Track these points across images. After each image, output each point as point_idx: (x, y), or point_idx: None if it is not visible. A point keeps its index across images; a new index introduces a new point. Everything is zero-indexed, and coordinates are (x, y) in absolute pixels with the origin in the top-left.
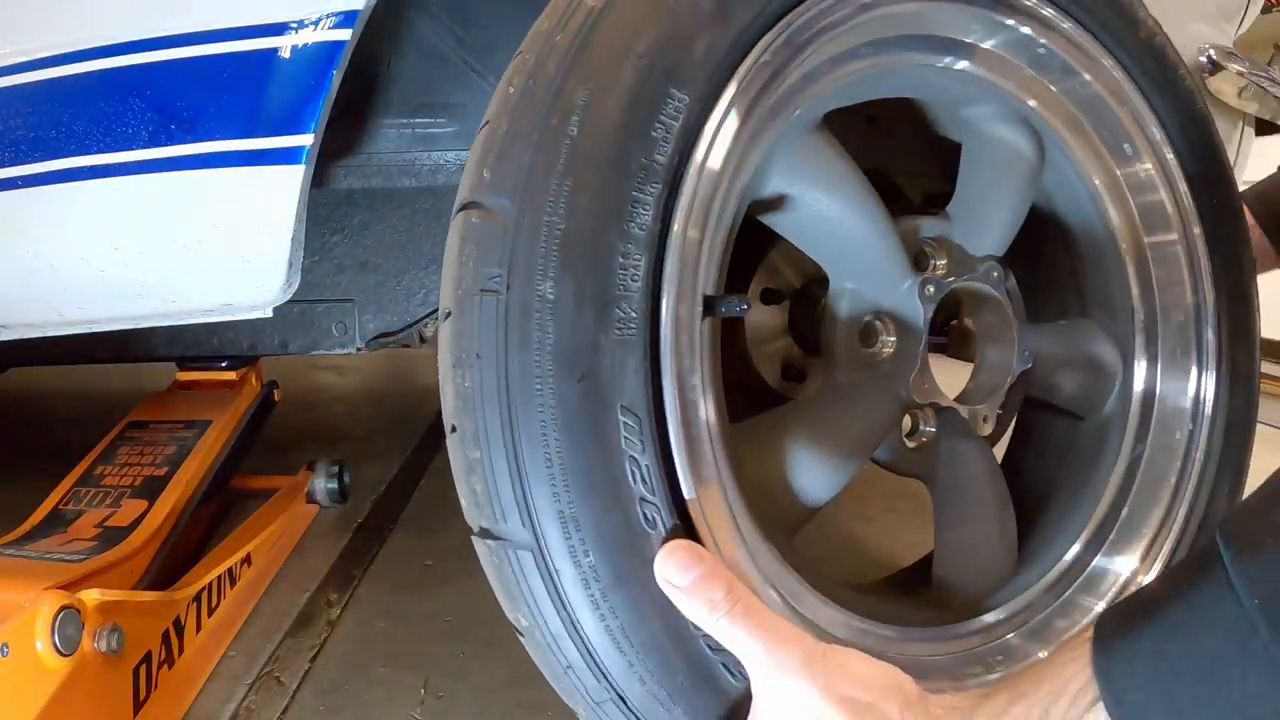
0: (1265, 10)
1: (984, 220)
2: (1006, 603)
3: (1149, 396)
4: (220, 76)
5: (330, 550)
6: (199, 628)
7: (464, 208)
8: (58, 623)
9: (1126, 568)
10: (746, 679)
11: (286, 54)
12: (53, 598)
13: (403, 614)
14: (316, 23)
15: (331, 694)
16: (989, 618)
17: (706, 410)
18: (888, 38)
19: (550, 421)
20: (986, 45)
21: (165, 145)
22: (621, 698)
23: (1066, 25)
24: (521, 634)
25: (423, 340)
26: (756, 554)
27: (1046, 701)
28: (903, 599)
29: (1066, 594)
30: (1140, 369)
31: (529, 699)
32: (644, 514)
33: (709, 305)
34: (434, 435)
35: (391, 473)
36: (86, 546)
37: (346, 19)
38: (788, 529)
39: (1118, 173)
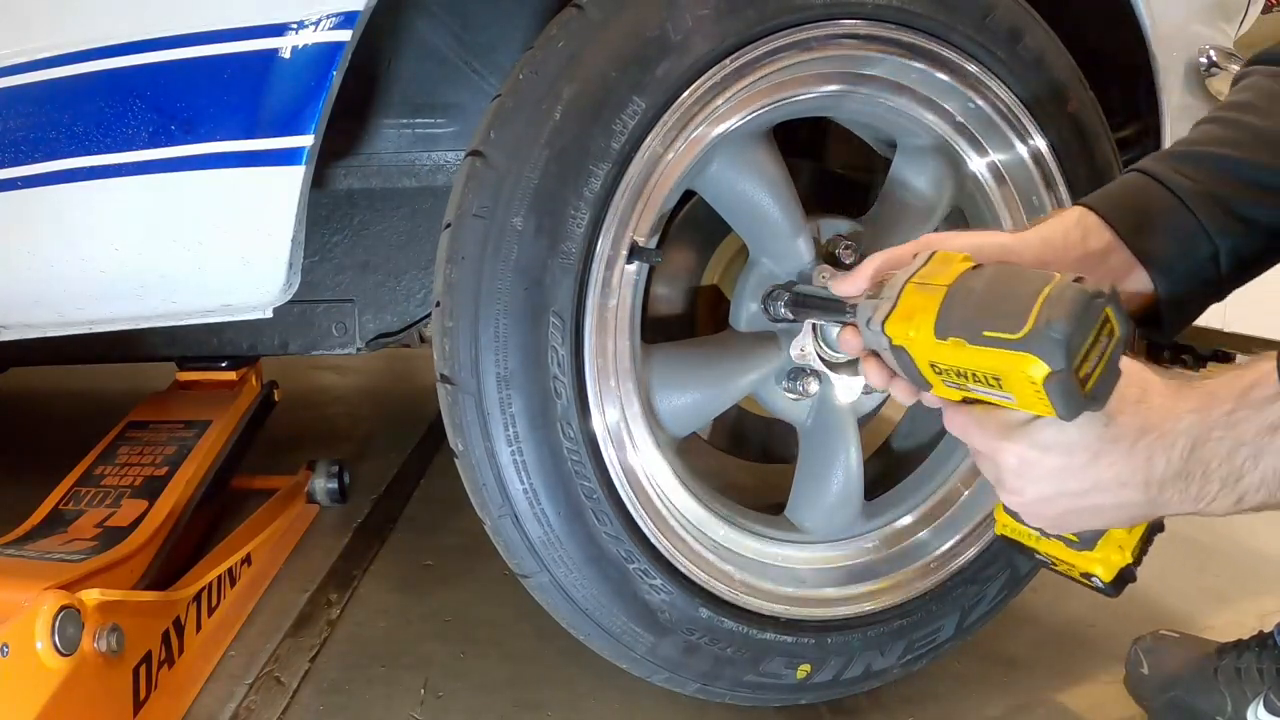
0: (1265, 10)
1: (885, 236)
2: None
3: None
4: (220, 77)
5: (330, 550)
6: (199, 628)
7: (472, 154)
8: (58, 623)
9: (947, 545)
10: (609, 519)
11: (287, 55)
12: (53, 598)
13: (403, 614)
14: (317, 23)
15: (331, 694)
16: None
17: (618, 324)
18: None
19: (503, 310)
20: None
21: (166, 146)
22: (515, 515)
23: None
24: (457, 456)
25: (422, 340)
26: (634, 424)
27: (1238, 394)
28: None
29: (891, 551)
30: None
31: (528, 698)
32: (555, 386)
33: (632, 252)
34: (434, 435)
35: (391, 473)
36: (86, 546)
37: (346, 20)
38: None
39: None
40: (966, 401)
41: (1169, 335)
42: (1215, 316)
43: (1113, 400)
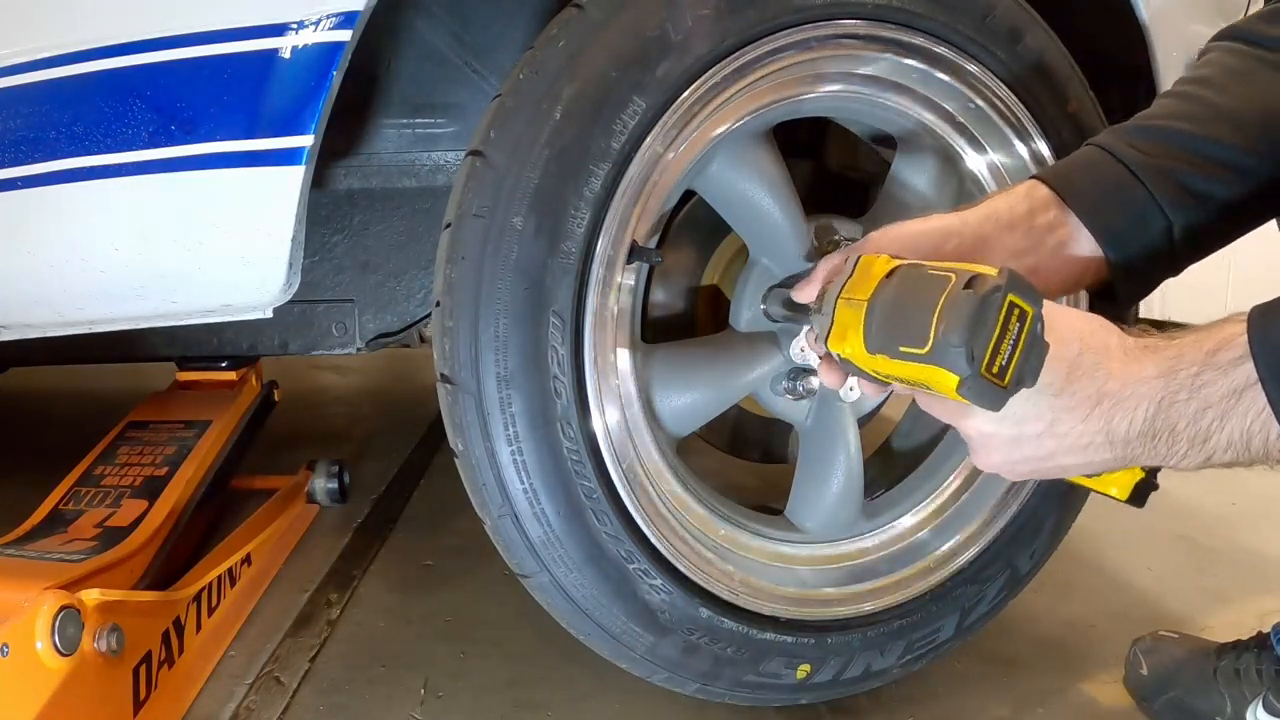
0: None
1: None
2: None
3: None
4: (221, 77)
5: (330, 550)
6: (199, 628)
7: (472, 154)
8: (58, 623)
9: (947, 545)
10: (609, 518)
11: (287, 55)
12: (53, 598)
13: (403, 614)
14: (317, 23)
15: (331, 694)
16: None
17: (618, 324)
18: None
19: (502, 311)
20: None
21: (166, 146)
22: (515, 515)
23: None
24: (457, 456)
25: (422, 340)
26: (634, 424)
27: (1204, 357)
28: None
29: (891, 551)
30: None
31: (529, 698)
32: (555, 386)
33: (632, 252)
34: (434, 435)
35: (391, 473)
36: (86, 546)
37: (346, 20)
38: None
39: None
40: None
41: (1124, 306)
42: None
43: (1064, 370)
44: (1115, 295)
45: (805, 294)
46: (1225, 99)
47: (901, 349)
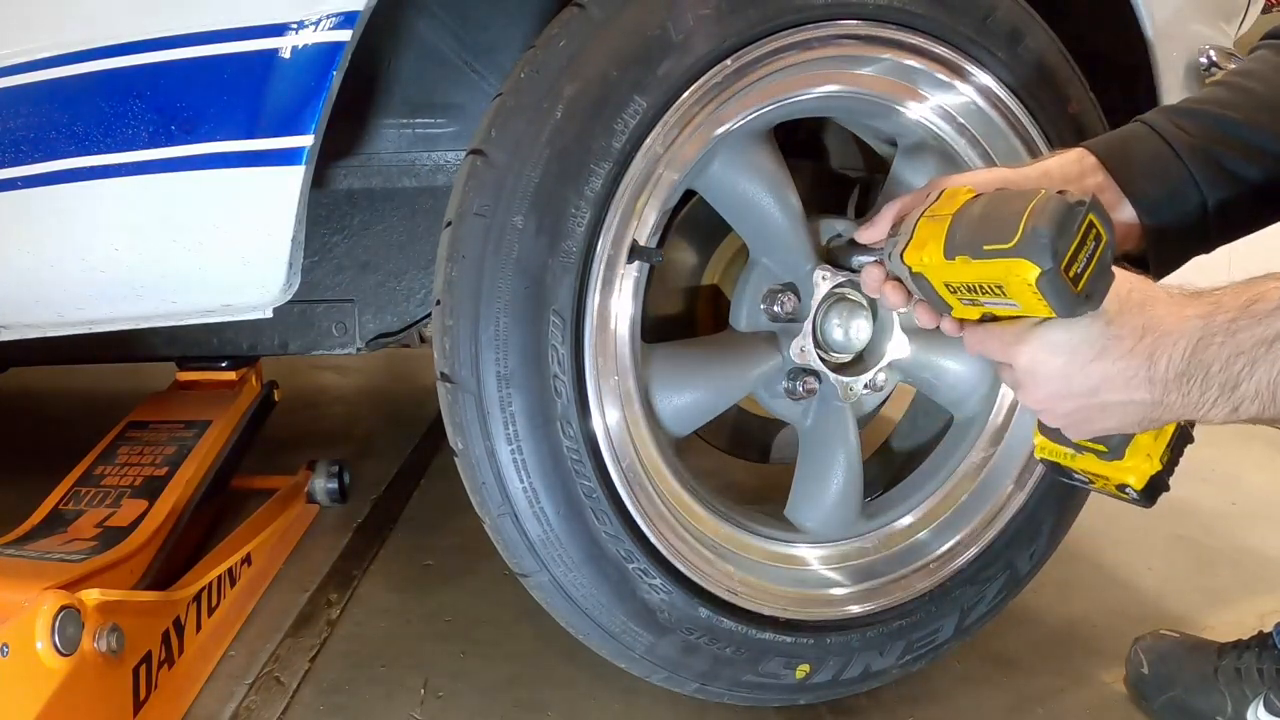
0: (1265, 10)
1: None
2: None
3: (1011, 411)
4: (220, 77)
5: (330, 550)
6: (199, 628)
7: (473, 152)
8: (58, 623)
9: (947, 545)
10: (609, 518)
11: (287, 55)
12: (53, 598)
13: (403, 614)
14: (317, 23)
15: (331, 694)
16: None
17: (618, 324)
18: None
19: (503, 309)
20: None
21: (166, 146)
22: (515, 514)
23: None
24: (457, 455)
25: (422, 340)
26: (633, 424)
27: (1241, 306)
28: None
29: (889, 553)
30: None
31: (529, 699)
32: (555, 385)
33: (633, 251)
34: (434, 435)
35: (391, 473)
36: (86, 546)
37: (347, 20)
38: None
39: None
40: (984, 320)
41: (1155, 276)
42: None
43: (1115, 303)
44: (1148, 264)
45: (872, 234)
46: (1269, 90)
47: (985, 247)
